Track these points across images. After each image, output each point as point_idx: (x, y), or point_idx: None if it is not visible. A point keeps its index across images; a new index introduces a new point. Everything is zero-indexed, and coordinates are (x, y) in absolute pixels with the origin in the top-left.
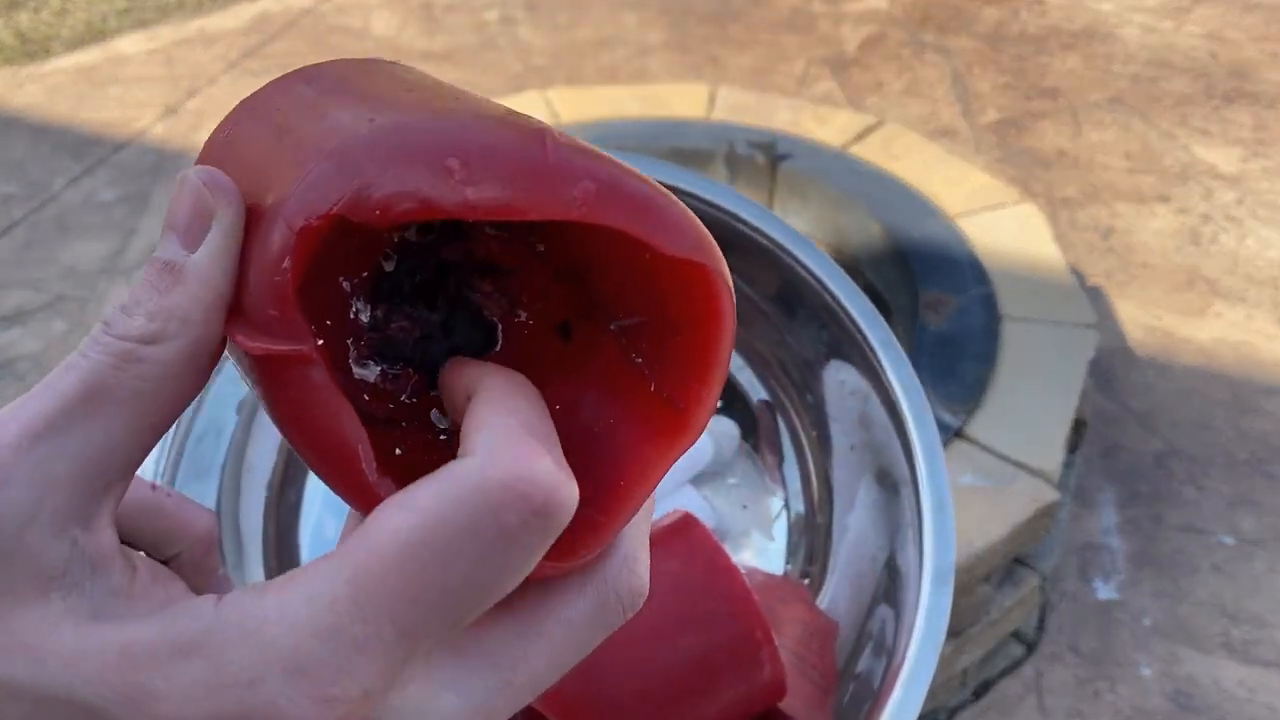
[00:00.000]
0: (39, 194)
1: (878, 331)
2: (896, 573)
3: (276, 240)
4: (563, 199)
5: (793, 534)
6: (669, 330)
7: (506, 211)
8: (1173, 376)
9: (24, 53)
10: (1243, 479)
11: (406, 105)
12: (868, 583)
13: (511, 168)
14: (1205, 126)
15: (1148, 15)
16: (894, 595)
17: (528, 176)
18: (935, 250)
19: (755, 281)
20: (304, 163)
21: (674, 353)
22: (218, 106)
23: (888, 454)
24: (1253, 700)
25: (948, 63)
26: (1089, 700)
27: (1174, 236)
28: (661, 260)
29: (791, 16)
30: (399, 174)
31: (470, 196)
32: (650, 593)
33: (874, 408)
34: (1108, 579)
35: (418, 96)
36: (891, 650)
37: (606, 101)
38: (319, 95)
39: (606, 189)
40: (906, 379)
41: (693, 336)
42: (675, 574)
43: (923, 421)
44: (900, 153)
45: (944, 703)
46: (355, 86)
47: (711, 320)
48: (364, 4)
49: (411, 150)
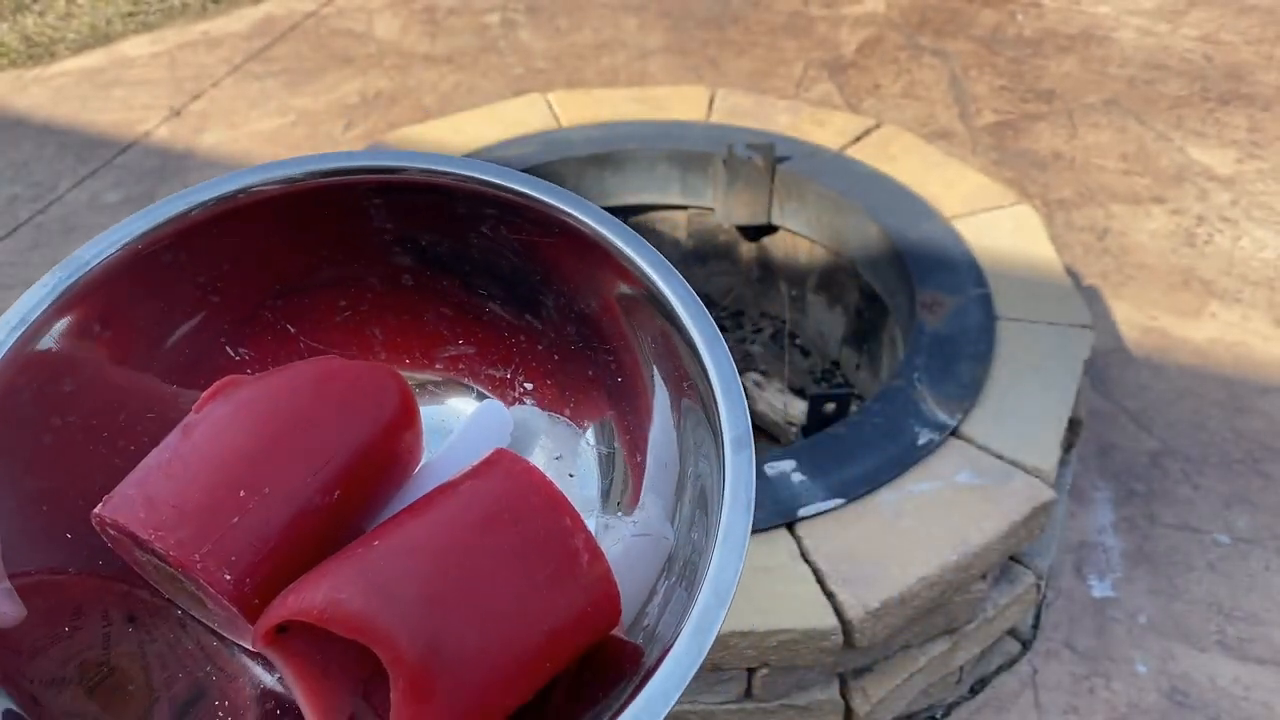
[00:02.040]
0: (44, 195)
1: (643, 251)
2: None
3: None
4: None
5: (605, 472)
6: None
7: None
8: (1168, 376)
9: (29, 55)
10: (1238, 478)
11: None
12: (672, 481)
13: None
14: (1201, 128)
15: (1144, 18)
16: (704, 492)
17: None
18: (932, 251)
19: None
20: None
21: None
22: (221, 109)
23: (676, 363)
24: (1248, 698)
25: (945, 65)
26: (1084, 697)
27: (1169, 237)
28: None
29: (790, 20)
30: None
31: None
32: (464, 505)
33: (665, 327)
34: (1103, 577)
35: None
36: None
37: (606, 104)
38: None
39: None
40: (677, 287)
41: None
42: (484, 489)
43: (698, 316)
44: (898, 154)
45: (940, 699)
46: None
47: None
48: (366, 7)
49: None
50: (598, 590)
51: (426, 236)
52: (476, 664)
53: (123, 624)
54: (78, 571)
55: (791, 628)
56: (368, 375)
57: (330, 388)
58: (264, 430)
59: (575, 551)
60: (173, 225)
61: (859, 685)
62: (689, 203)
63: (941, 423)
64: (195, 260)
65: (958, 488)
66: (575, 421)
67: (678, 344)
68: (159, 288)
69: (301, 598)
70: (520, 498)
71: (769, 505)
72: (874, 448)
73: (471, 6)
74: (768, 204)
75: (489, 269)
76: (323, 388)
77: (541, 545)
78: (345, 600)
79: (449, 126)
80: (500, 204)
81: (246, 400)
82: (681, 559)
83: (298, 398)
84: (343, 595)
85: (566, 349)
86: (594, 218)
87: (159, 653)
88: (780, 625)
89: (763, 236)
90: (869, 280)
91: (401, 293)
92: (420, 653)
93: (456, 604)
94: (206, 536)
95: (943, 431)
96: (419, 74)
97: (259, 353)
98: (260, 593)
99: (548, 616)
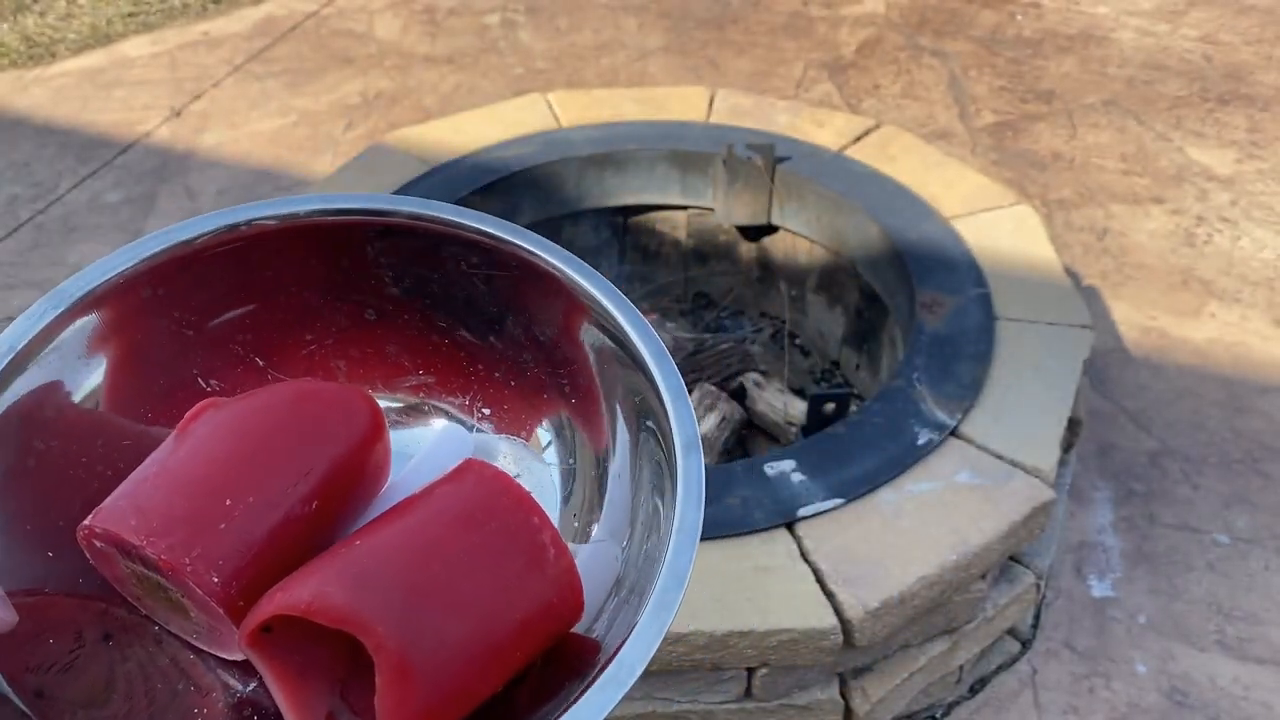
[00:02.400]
0: (45, 195)
1: (595, 282)
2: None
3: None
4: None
5: (565, 484)
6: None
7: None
8: (1167, 376)
9: (30, 56)
10: (1237, 478)
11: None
12: (627, 496)
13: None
14: (1200, 129)
15: (1143, 18)
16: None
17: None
18: (932, 251)
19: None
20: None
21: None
22: (222, 109)
23: (631, 380)
24: (1247, 697)
25: (945, 66)
26: (1084, 697)
27: (1169, 238)
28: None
29: (790, 20)
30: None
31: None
32: (439, 508)
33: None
34: (1103, 577)
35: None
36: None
37: (606, 104)
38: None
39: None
40: (622, 304)
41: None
42: (456, 492)
43: (645, 334)
44: (897, 155)
45: (940, 699)
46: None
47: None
48: (367, 8)
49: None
50: (563, 583)
51: (391, 272)
52: (453, 650)
53: (97, 644)
54: (54, 591)
55: (791, 627)
56: (340, 395)
57: (305, 406)
58: (245, 445)
59: (543, 546)
60: (147, 264)
61: (859, 685)
62: (689, 203)
63: (941, 422)
64: (173, 296)
65: (957, 488)
66: (531, 441)
67: (628, 362)
68: (136, 321)
69: (289, 594)
70: (490, 499)
71: (769, 505)
72: (874, 448)
73: (471, 7)
74: (768, 204)
75: (448, 301)
76: (298, 406)
77: (511, 541)
78: (330, 594)
79: (449, 127)
80: (461, 241)
81: (227, 419)
82: (629, 582)
83: (275, 415)
84: (328, 589)
85: (523, 374)
86: (546, 250)
87: (129, 673)
88: (780, 625)
89: (763, 236)
90: (869, 280)
91: (364, 326)
92: (401, 639)
93: (434, 595)
94: (195, 542)
95: (942, 431)
96: (419, 74)
97: (229, 384)
98: (245, 595)
99: (518, 607)
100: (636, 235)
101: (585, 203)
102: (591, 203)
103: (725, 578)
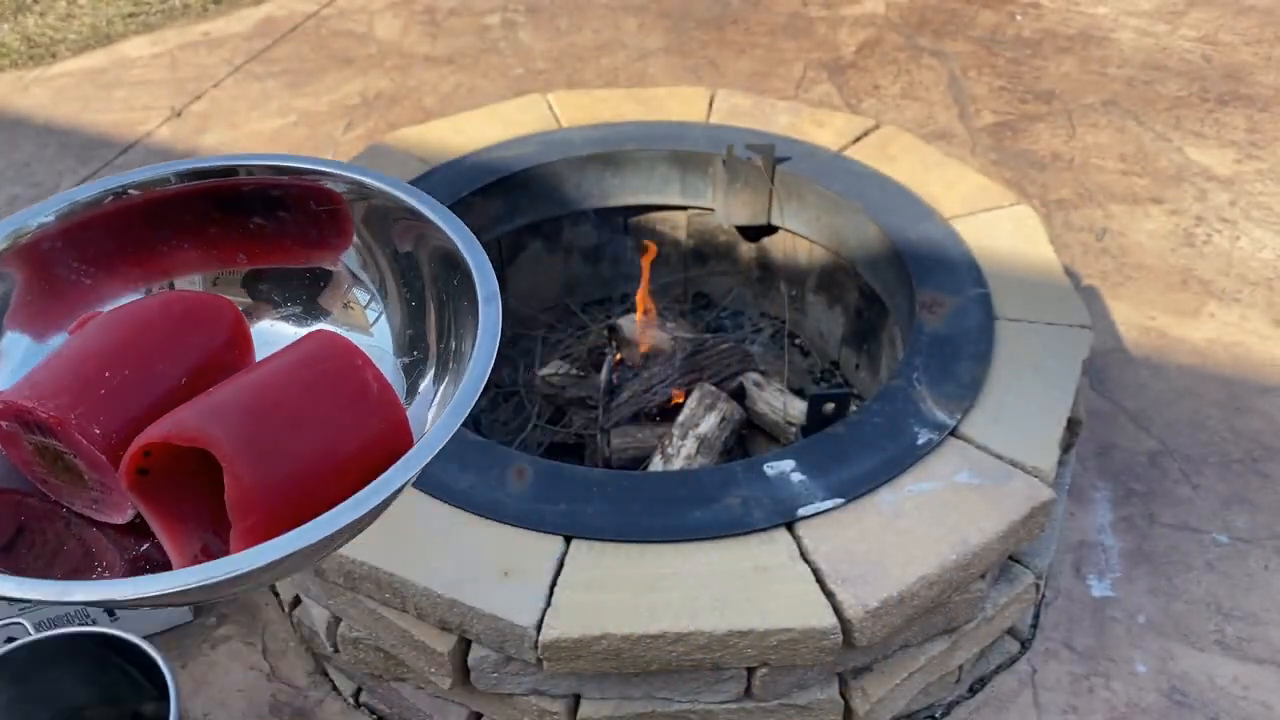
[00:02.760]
0: (45, 195)
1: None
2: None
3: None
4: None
5: (399, 343)
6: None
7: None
8: (1167, 376)
9: (30, 56)
10: (1236, 478)
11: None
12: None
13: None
14: (1199, 129)
15: (1143, 19)
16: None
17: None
18: (932, 251)
19: None
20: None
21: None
22: (222, 109)
23: (440, 247)
24: (1246, 697)
25: (944, 66)
26: (1084, 696)
27: (1168, 238)
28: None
29: (789, 21)
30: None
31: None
32: (280, 359)
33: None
34: (1102, 576)
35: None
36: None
37: (606, 105)
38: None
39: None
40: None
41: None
42: (295, 349)
43: (443, 214)
44: (897, 155)
45: (939, 699)
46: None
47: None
48: (368, 8)
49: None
50: (388, 413)
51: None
52: (288, 459)
53: (11, 537)
54: None
55: (791, 627)
56: (205, 298)
57: (174, 307)
58: (121, 334)
59: (365, 383)
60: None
61: (858, 684)
62: (689, 203)
63: (941, 422)
64: (70, 247)
65: (957, 487)
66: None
67: (439, 241)
68: (45, 268)
69: (151, 430)
70: (321, 348)
71: (768, 505)
72: (873, 447)
73: (472, 7)
74: (768, 204)
75: (281, 229)
76: (167, 308)
77: (340, 379)
78: (185, 419)
79: (450, 126)
80: (271, 185)
81: (107, 320)
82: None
83: (148, 314)
84: (183, 416)
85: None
86: (374, 178)
87: (43, 552)
88: (780, 625)
89: (763, 237)
90: (868, 280)
91: (208, 239)
92: (241, 448)
93: (272, 416)
94: (79, 402)
95: (942, 431)
96: (419, 74)
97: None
98: (125, 446)
99: (347, 425)
100: (637, 235)
101: (585, 203)
102: (592, 203)
103: (725, 578)
